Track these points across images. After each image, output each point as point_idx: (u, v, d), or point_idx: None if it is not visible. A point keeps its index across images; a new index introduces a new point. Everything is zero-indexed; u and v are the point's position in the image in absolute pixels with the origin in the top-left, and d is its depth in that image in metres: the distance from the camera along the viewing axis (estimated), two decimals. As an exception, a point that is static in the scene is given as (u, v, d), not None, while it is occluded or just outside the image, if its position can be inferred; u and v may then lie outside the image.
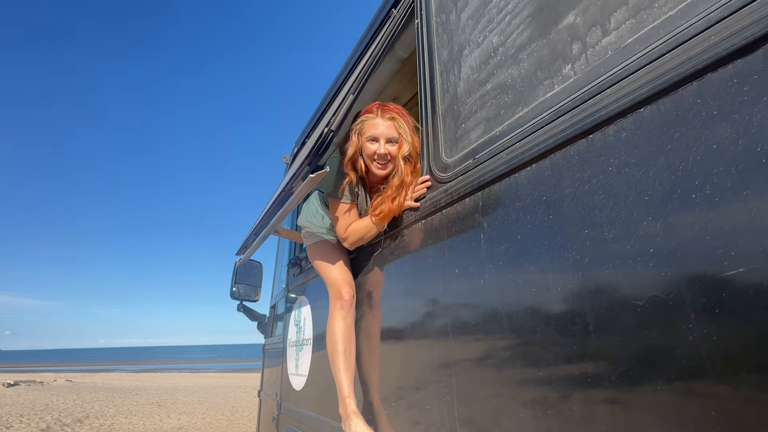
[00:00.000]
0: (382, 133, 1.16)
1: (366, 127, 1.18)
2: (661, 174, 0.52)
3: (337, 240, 1.37)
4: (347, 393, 1.22)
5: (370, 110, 1.20)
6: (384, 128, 1.16)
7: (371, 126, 1.17)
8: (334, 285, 1.34)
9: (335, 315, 1.31)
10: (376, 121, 1.16)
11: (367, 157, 1.19)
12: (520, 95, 0.79)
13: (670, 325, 0.49)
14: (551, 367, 0.64)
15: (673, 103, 0.52)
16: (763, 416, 0.41)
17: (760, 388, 0.41)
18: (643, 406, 0.52)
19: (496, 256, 0.77)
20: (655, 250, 0.52)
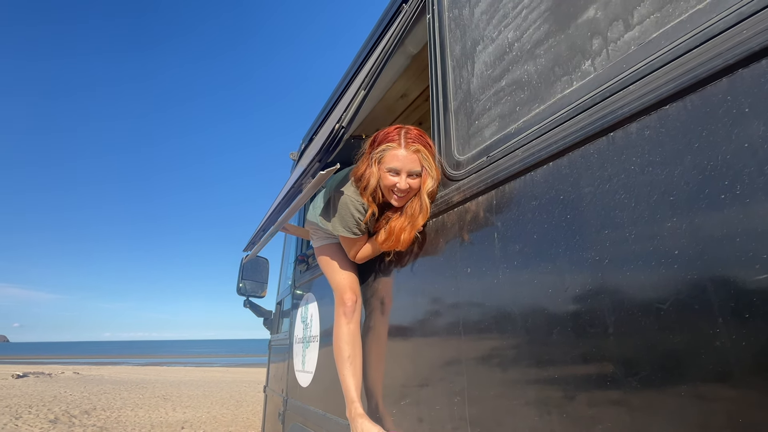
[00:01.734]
0: (404, 166, 1.05)
1: (387, 158, 1.06)
2: (687, 173, 0.51)
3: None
4: (354, 397, 1.22)
5: (391, 137, 1.08)
6: (407, 162, 1.04)
7: (393, 157, 1.05)
8: (338, 290, 1.34)
9: (339, 321, 1.31)
10: (399, 152, 1.05)
11: (384, 187, 1.11)
12: (536, 92, 0.77)
13: (694, 330, 0.48)
14: (566, 369, 0.63)
15: (701, 100, 0.51)
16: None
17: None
18: (664, 409, 0.50)
19: (510, 255, 0.76)
20: (680, 252, 0.50)
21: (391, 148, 1.06)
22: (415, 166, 1.04)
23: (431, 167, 1.03)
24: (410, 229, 1.03)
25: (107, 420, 7.73)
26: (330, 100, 2.23)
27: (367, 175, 1.10)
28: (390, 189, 1.09)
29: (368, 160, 1.11)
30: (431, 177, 1.02)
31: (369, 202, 1.13)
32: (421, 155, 1.04)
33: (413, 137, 1.06)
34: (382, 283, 1.21)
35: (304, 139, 2.64)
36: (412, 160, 1.04)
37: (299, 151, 2.76)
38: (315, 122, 2.47)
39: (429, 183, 1.02)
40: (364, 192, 1.12)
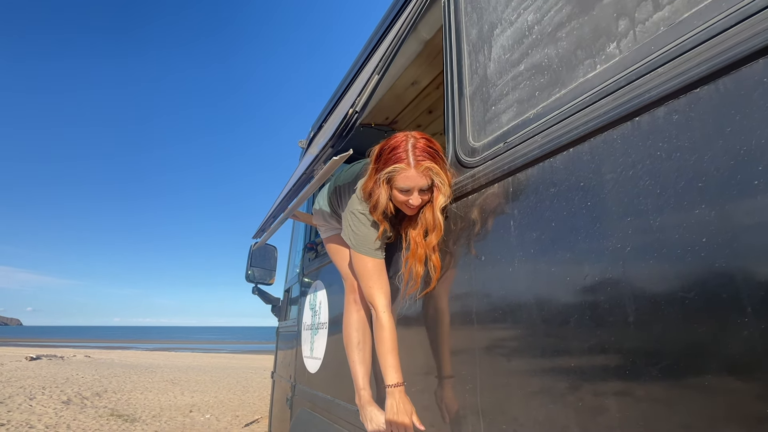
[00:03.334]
0: (416, 185, 1.00)
1: (397, 179, 1.01)
2: (717, 159, 0.49)
3: None
4: (362, 384, 1.23)
5: (399, 155, 1.01)
6: (419, 180, 0.99)
7: (403, 179, 1.00)
8: (348, 278, 1.34)
9: (349, 308, 1.31)
10: (409, 174, 0.99)
11: (396, 202, 1.07)
12: (557, 76, 0.75)
13: (721, 321, 0.47)
14: (583, 360, 0.62)
15: (734, 82, 0.49)
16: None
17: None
18: (685, 401, 0.50)
19: (527, 243, 0.74)
20: (708, 241, 0.49)
21: (399, 170, 1.00)
22: (426, 182, 1.00)
23: (443, 182, 0.98)
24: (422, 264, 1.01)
25: (118, 402, 7.92)
26: (340, 87, 2.20)
27: (376, 195, 1.06)
28: (402, 203, 1.06)
29: (375, 178, 1.05)
30: (443, 193, 0.98)
31: (380, 220, 1.10)
32: (432, 171, 0.98)
33: (422, 151, 1.00)
34: (391, 272, 1.20)
35: (314, 127, 2.63)
36: (423, 177, 0.99)
37: (308, 138, 2.75)
38: (324, 110, 2.45)
39: (441, 200, 0.98)
40: (374, 211, 1.09)
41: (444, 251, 1.00)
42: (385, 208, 1.06)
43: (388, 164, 1.01)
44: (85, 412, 6.97)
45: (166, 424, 6.33)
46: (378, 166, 1.05)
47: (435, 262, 0.98)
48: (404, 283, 1.07)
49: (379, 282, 1.13)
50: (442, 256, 0.99)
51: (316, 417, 1.69)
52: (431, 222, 1.00)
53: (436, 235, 0.99)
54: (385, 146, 1.05)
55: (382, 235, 1.13)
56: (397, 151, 1.01)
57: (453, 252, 0.97)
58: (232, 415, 6.99)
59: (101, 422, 6.35)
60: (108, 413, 6.93)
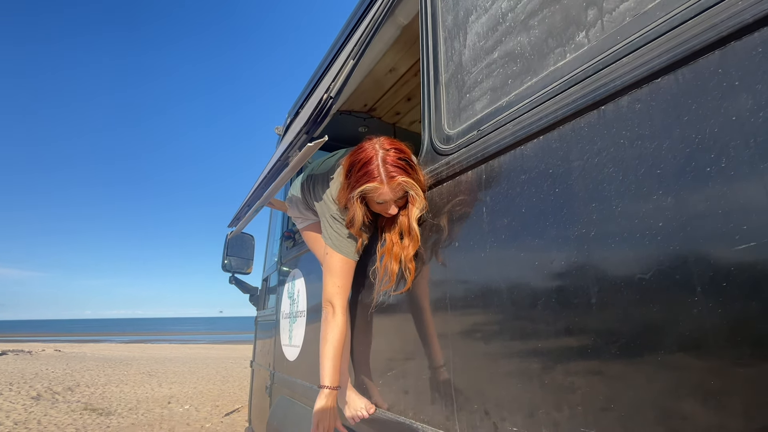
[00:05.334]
0: (390, 199, 1.01)
1: (372, 196, 1.02)
2: (675, 146, 0.51)
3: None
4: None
5: (371, 173, 0.99)
6: (393, 193, 1.00)
7: (378, 196, 1.01)
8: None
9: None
10: (383, 190, 0.99)
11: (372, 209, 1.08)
12: (529, 64, 0.76)
13: (674, 301, 0.49)
14: (550, 340, 0.65)
15: (692, 72, 0.51)
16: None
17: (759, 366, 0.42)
18: (643, 379, 0.53)
19: (498, 229, 0.76)
20: (665, 224, 0.51)
21: (373, 189, 1.00)
22: (400, 193, 1.00)
23: (417, 193, 0.97)
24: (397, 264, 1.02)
25: (92, 396, 7.72)
26: (317, 71, 2.16)
27: (352, 212, 1.06)
28: (379, 211, 1.06)
29: (349, 194, 1.05)
30: (416, 206, 0.97)
31: (358, 233, 1.11)
32: (405, 185, 0.98)
33: (393, 166, 0.98)
34: (367, 256, 1.21)
35: (290, 113, 2.58)
36: (398, 190, 0.99)
37: (285, 125, 2.70)
38: (301, 95, 2.40)
39: (415, 212, 0.97)
40: (352, 227, 1.09)
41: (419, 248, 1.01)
42: (361, 223, 1.06)
43: (361, 182, 1.00)
44: (57, 407, 6.77)
45: (143, 417, 6.23)
46: (350, 182, 1.04)
47: (411, 268, 0.99)
48: (379, 278, 1.08)
49: (342, 281, 1.14)
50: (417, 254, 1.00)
51: (295, 404, 1.70)
52: (407, 229, 1.00)
53: (413, 246, 0.99)
54: (355, 160, 1.03)
55: (360, 244, 1.14)
56: (368, 167, 1.00)
57: (428, 240, 0.99)
58: (212, 405, 6.95)
59: (74, 417, 6.18)
60: (81, 407, 6.75)
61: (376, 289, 1.11)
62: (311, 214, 1.37)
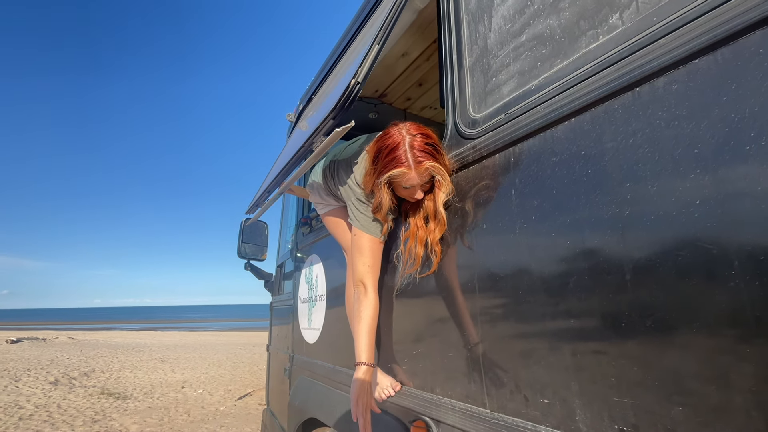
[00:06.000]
0: (418, 183, 1.02)
1: (399, 182, 1.04)
2: (714, 127, 0.53)
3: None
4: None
5: (399, 159, 1.01)
6: (420, 178, 1.01)
7: (405, 181, 1.02)
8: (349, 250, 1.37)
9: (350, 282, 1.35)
10: (411, 175, 1.00)
11: (398, 193, 1.09)
12: (559, 47, 0.77)
13: (711, 278, 0.51)
14: (582, 320, 0.67)
15: (732, 53, 0.52)
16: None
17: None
18: (681, 356, 0.55)
19: (528, 211, 0.78)
20: (701, 203, 0.53)
21: (400, 174, 1.01)
22: (427, 177, 1.01)
23: (444, 178, 0.99)
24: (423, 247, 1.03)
25: (107, 381, 7.93)
26: (330, 58, 2.16)
27: (378, 198, 1.08)
28: (405, 196, 1.08)
29: (375, 182, 1.06)
30: (443, 190, 0.98)
31: (384, 219, 1.13)
32: (433, 170, 0.99)
33: (420, 151, 1.00)
34: (391, 241, 1.24)
35: (302, 100, 2.58)
36: (425, 175, 1.01)
37: (296, 112, 2.70)
38: (313, 82, 2.40)
39: (441, 196, 0.99)
40: (378, 212, 1.11)
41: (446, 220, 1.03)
42: (388, 208, 1.09)
43: (388, 168, 1.02)
44: (75, 391, 6.96)
45: (159, 400, 6.41)
46: (377, 168, 1.06)
47: (437, 251, 1.01)
48: (403, 262, 1.10)
49: (372, 260, 1.17)
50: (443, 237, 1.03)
51: (316, 384, 1.75)
52: (432, 213, 1.02)
53: (440, 230, 1.01)
54: (382, 146, 1.05)
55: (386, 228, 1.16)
56: (395, 153, 1.01)
57: (453, 224, 1.01)
58: (225, 389, 7.12)
59: (92, 401, 6.36)
60: (98, 392, 6.94)
61: (401, 272, 1.14)
62: (333, 200, 1.40)
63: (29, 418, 5.30)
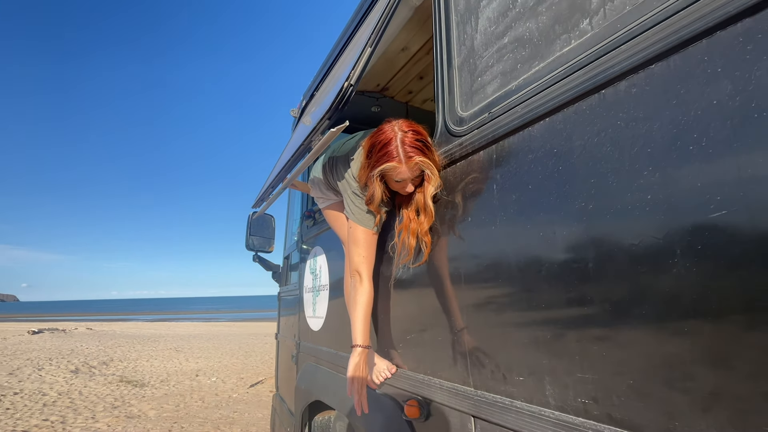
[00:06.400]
0: (408, 177, 1.09)
1: (390, 175, 1.10)
2: (664, 128, 0.58)
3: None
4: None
5: (391, 154, 1.07)
6: (411, 172, 1.08)
7: (396, 174, 1.09)
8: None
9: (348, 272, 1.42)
10: (401, 169, 1.07)
11: (391, 186, 1.16)
12: (537, 49, 0.81)
13: (661, 266, 0.57)
14: (556, 308, 0.73)
15: (683, 60, 0.56)
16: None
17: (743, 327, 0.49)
18: (633, 346, 0.61)
19: (507, 205, 0.84)
20: (653, 197, 0.58)
21: (392, 168, 1.08)
22: (417, 172, 1.08)
23: (433, 172, 1.05)
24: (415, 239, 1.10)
25: (125, 369, 8.21)
26: (331, 54, 2.21)
27: (371, 190, 1.14)
28: (397, 189, 1.15)
29: (369, 175, 1.13)
30: (432, 184, 1.05)
31: (377, 210, 1.20)
32: (422, 165, 1.05)
33: (411, 146, 1.06)
34: (389, 234, 1.30)
35: (305, 96, 2.64)
36: (415, 169, 1.07)
37: (300, 107, 2.76)
38: (315, 78, 2.45)
39: (430, 189, 1.05)
40: (371, 203, 1.18)
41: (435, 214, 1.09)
42: (380, 200, 1.16)
43: (381, 162, 1.09)
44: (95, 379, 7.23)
45: (175, 388, 6.63)
46: (371, 162, 1.12)
47: (427, 241, 1.08)
48: (397, 252, 1.17)
49: (366, 251, 1.24)
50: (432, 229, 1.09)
51: (321, 368, 1.84)
52: (422, 206, 1.08)
53: (427, 221, 1.07)
54: (375, 141, 1.12)
55: (378, 219, 1.23)
56: (387, 148, 1.08)
57: (442, 216, 1.07)
58: (237, 377, 7.33)
59: (112, 388, 6.61)
60: (117, 380, 7.20)
61: (395, 263, 1.21)
62: (332, 195, 1.46)
63: (53, 405, 5.55)
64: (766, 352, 0.46)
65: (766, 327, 0.46)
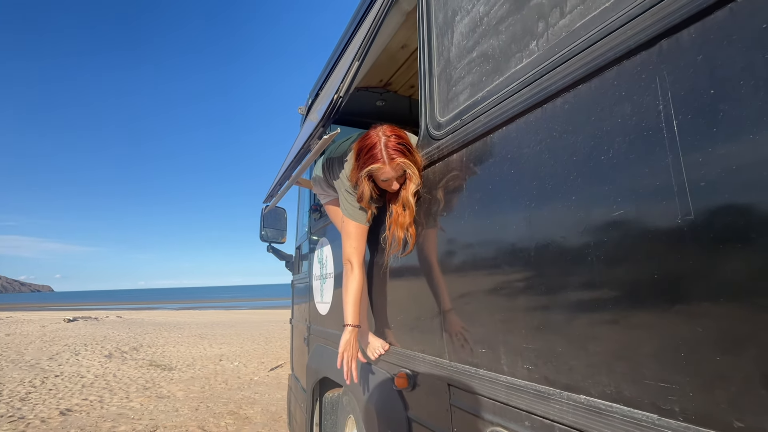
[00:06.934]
0: (392, 176, 1.22)
1: (376, 175, 1.24)
2: (584, 141, 0.69)
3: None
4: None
5: (376, 156, 1.21)
6: (394, 172, 1.21)
7: (381, 174, 1.23)
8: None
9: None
10: (385, 169, 1.20)
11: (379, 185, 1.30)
12: (497, 65, 0.93)
13: (611, 254, 0.69)
14: (510, 290, 0.86)
15: (601, 83, 0.67)
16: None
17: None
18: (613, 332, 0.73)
19: (473, 202, 0.96)
20: (577, 196, 0.70)
21: (377, 168, 1.21)
22: (400, 172, 1.21)
23: (413, 171, 1.18)
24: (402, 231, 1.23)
25: (154, 354, 8.68)
26: (334, 54, 2.32)
27: (361, 188, 1.29)
28: (384, 186, 1.29)
29: (358, 174, 1.27)
30: (413, 182, 1.19)
31: (366, 206, 1.35)
32: (403, 165, 1.19)
33: (393, 149, 1.20)
34: (381, 227, 1.44)
35: (311, 94, 2.77)
36: (397, 169, 1.20)
37: (307, 105, 2.90)
38: (321, 76, 2.58)
39: (411, 187, 1.19)
40: (362, 200, 1.33)
41: (418, 214, 1.22)
42: (369, 197, 1.31)
43: (367, 163, 1.23)
44: (127, 363, 7.70)
45: (200, 371, 7.01)
46: (359, 164, 1.27)
47: (411, 233, 1.22)
48: (388, 244, 1.31)
49: (357, 243, 1.40)
50: (417, 219, 1.22)
51: (328, 349, 2.02)
52: (406, 202, 1.22)
53: (409, 215, 1.21)
54: (363, 145, 1.26)
55: (370, 215, 1.39)
56: (373, 151, 1.22)
57: (424, 211, 1.20)
58: (258, 362, 7.68)
59: (142, 371, 7.04)
60: (147, 364, 7.65)
61: (387, 253, 1.35)
62: (332, 191, 1.61)
63: (91, 386, 5.98)
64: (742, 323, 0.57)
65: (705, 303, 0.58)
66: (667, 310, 0.56)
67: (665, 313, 0.56)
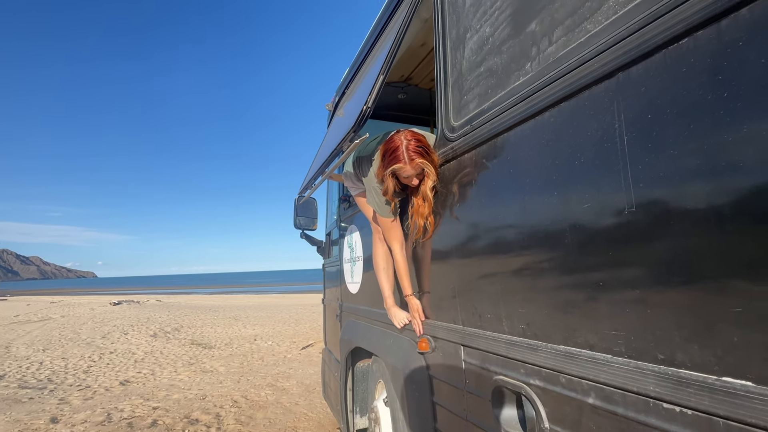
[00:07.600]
0: (412, 174, 1.41)
1: (399, 173, 1.44)
2: (565, 150, 0.87)
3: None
4: (388, 294, 1.76)
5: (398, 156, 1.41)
6: (414, 171, 1.40)
7: (403, 172, 1.42)
8: (374, 223, 1.84)
9: (376, 244, 1.83)
10: (406, 168, 1.40)
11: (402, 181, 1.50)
12: (500, 80, 1.11)
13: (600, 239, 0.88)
14: (512, 266, 1.06)
15: (589, 100, 0.84)
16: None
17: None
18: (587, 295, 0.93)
19: (479, 196, 1.16)
20: (558, 192, 0.89)
21: (399, 168, 1.42)
22: (419, 170, 1.42)
23: (431, 170, 1.38)
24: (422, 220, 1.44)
25: (194, 335, 9.32)
26: (359, 55, 2.50)
27: (386, 184, 1.51)
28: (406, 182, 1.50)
29: (383, 171, 1.48)
30: (430, 178, 1.38)
31: (391, 199, 1.58)
32: (422, 164, 1.38)
33: (413, 151, 1.39)
34: (405, 216, 1.66)
35: (338, 91, 2.98)
36: (417, 168, 1.41)
37: (333, 102, 3.11)
38: (347, 74, 2.78)
39: (429, 183, 1.40)
40: (386, 194, 1.55)
41: (436, 206, 1.43)
42: (393, 191, 1.53)
43: (391, 163, 1.45)
44: (171, 342, 8.34)
45: (237, 349, 7.53)
46: (384, 163, 1.49)
47: (430, 221, 1.43)
48: (411, 231, 1.53)
49: (394, 233, 1.65)
50: (435, 210, 1.43)
51: (359, 323, 2.28)
52: (424, 196, 1.43)
53: (428, 207, 1.42)
54: (387, 148, 1.47)
55: (393, 207, 1.62)
56: (396, 153, 1.43)
57: (441, 203, 1.40)
58: (290, 341, 8.15)
59: (185, 349, 7.63)
60: (189, 342, 8.26)
61: (410, 239, 1.57)
62: (361, 185, 1.84)
63: (142, 361, 6.57)
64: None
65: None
66: (621, 279, 0.76)
67: (626, 283, 0.76)
